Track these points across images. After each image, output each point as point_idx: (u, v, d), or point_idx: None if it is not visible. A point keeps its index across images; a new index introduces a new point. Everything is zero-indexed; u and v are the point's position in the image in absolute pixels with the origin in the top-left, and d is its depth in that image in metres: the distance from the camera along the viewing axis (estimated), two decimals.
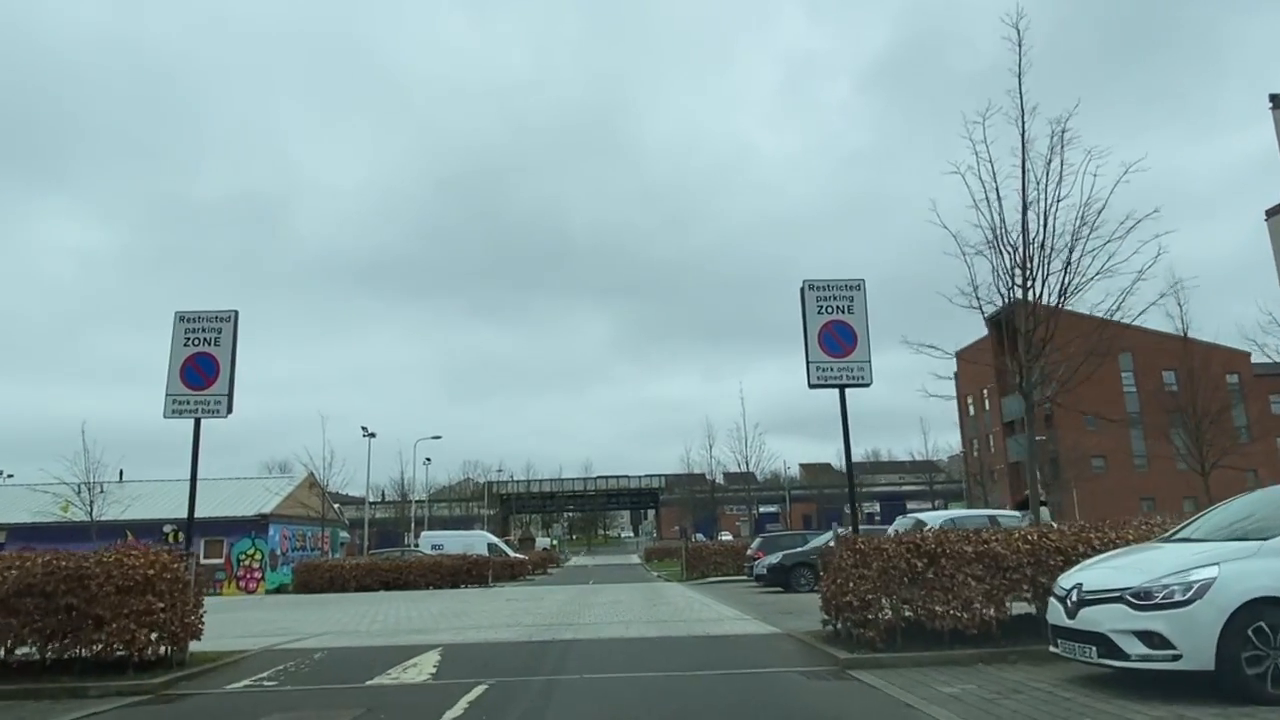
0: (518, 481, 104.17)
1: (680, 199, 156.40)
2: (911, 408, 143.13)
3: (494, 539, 49.99)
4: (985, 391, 68.04)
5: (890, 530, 17.10)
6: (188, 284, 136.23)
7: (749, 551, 28.00)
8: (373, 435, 51.65)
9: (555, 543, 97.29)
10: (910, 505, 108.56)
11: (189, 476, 12.29)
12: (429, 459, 67.17)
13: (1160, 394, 60.21)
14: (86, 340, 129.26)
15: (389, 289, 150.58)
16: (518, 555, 48.41)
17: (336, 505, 49.69)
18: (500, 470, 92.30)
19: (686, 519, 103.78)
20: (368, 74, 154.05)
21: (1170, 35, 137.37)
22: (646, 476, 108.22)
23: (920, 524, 16.23)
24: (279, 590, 36.67)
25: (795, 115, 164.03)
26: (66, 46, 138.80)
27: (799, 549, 23.82)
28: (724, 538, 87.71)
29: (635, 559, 75.51)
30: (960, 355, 72.28)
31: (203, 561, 38.92)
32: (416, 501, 73.08)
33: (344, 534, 49.85)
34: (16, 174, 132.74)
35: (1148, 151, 14.17)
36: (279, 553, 39.73)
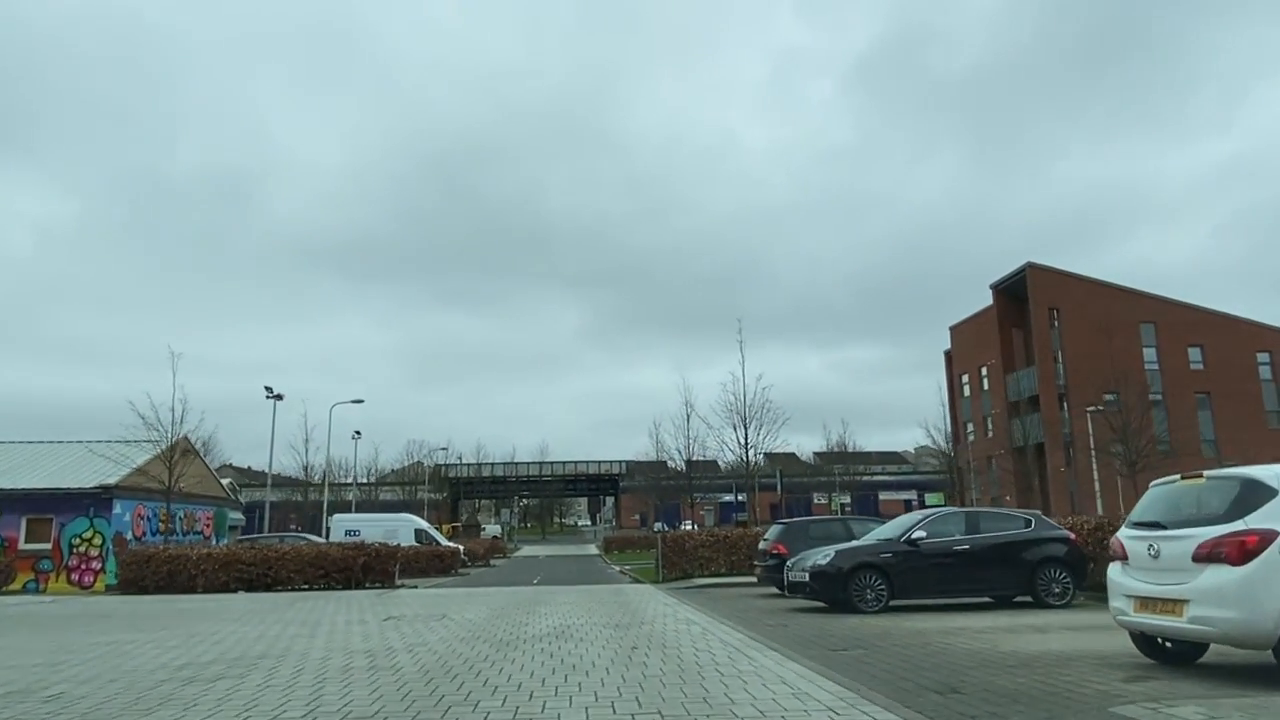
0: (467, 465, 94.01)
1: (661, 189, 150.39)
2: (874, 401, 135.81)
3: (423, 524, 40.27)
4: (984, 370, 59.72)
5: None
6: (151, 259, 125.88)
7: (762, 545, 18.76)
8: (279, 397, 41.61)
9: (506, 529, 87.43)
10: (882, 496, 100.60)
11: None
12: (359, 432, 56.99)
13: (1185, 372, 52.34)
14: (40, 315, 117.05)
15: (360, 270, 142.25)
16: (450, 544, 38.78)
17: (227, 481, 39.60)
18: (445, 449, 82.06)
19: (648, 507, 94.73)
20: (354, 51, 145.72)
21: (1141, 44, 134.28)
22: (606, 462, 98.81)
23: None
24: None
25: (779, 109, 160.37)
26: (39, 9, 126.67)
27: (856, 543, 14.61)
28: (686, 527, 78.88)
29: (593, 549, 66.10)
30: (956, 330, 64.33)
31: (24, 546, 28.96)
32: (349, 484, 62.91)
33: (235, 515, 39.69)
34: None
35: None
36: (131, 536, 29.69)
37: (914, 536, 13.62)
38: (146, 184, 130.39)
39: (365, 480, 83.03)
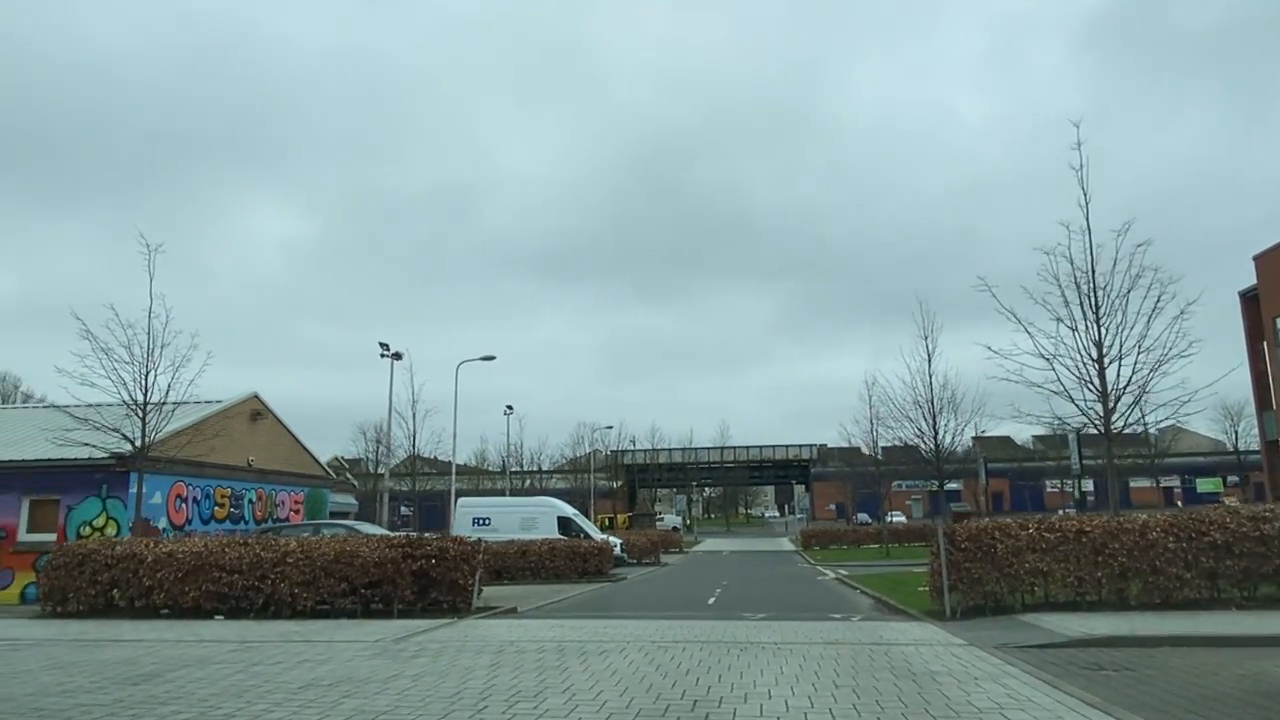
0: (642, 450, 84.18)
1: (867, 174, 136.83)
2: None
3: (569, 510, 30.21)
4: None
5: None
6: (378, 270, 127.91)
7: None
8: (397, 356, 32.87)
9: (687, 520, 76.91)
10: (1132, 483, 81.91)
11: None
12: (510, 407, 48.01)
13: None
14: (287, 327, 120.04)
15: (565, 272, 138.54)
16: (602, 537, 28.47)
17: (329, 458, 31.08)
18: (610, 427, 72.01)
19: (845, 496, 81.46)
20: (569, 61, 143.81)
21: None
22: (795, 446, 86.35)
23: None
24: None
25: (999, 81, 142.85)
26: (299, 56, 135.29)
27: None
28: (897, 519, 65.19)
29: (786, 544, 54.27)
30: (1265, 259, 47.26)
31: (25, 537, 21.05)
32: (496, 472, 54.47)
33: (342, 499, 31.13)
34: (240, 171, 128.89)
35: None
36: (167, 524, 21.24)
37: None
38: (377, 202, 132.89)
39: (523, 467, 75.17)
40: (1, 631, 11.89)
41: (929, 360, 27.60)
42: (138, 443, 17.22)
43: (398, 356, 33.06)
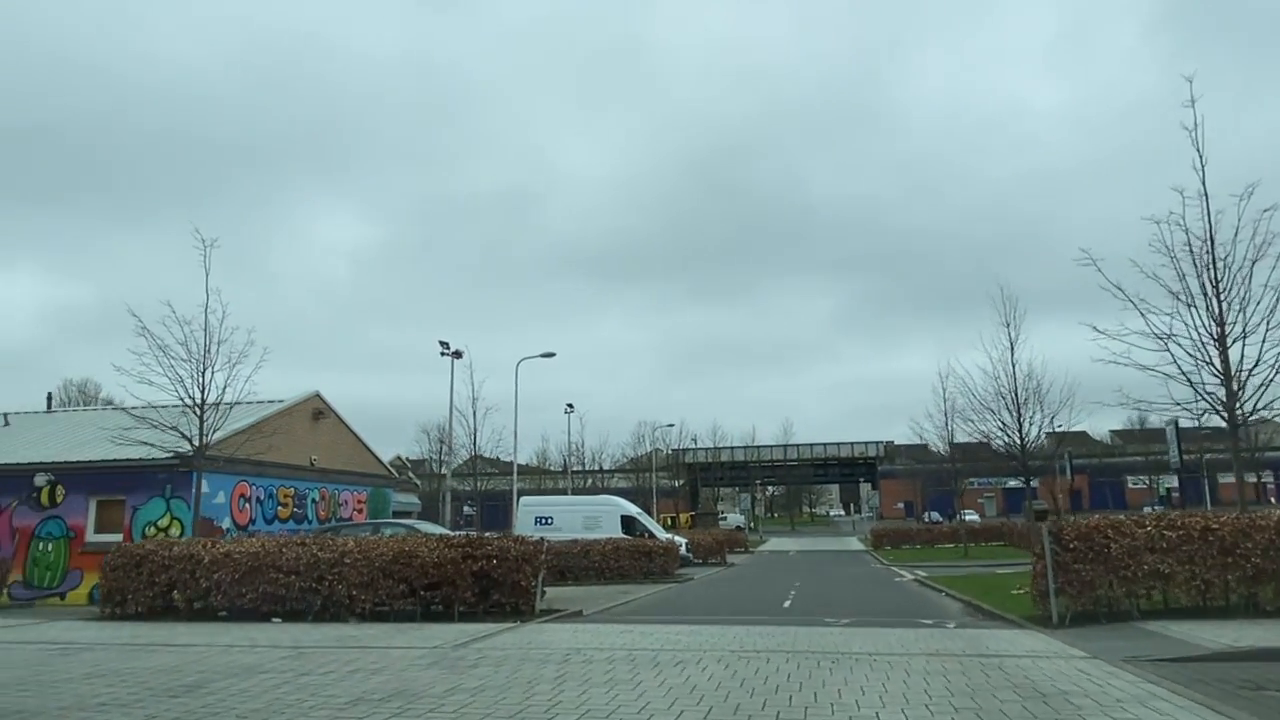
0: (704, 449, 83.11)
1: (934, 166, 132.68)
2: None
3: (632, 509, 29.49)
4: None
5: None
6: (440, 274, 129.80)
7: None
8: (457, 354, 32.52)
9: (751, 519, 75.58)
10: (1221, 479, 77.92)
11: None
12: (571, 405, 47.49)
13: None
14: (353, 333, 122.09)
15: (624, 272, 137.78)
16: (667, 536, 27.67)
17: (392, 456, 30.85)
18: (672, 425, 70.86)
19: (915, 494, 79.25)
20: (628, 62, 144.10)
21: None
22: (861, 443, 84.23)
23: None
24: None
25: (1070, 65, 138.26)
26: (363, 66, 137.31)
27: None
28: (970, 518, 63.03)
29: (855, 543, 52.73)
30: None
31: (92, 538, 21.16)
32: (556, 471, 54.08)
33: (405, 498, 30.87)
34: (308, 180, 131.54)
35: None
36: (230, 524, 21.11)
37: None
38: (441, 208, 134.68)
39: (584, 466, 74.69)
40: (58, 634, 11.62)
41: (1011, 349, 26.09)
42: (196, 441, 16.91)
43: (458, 355, 32.70)
